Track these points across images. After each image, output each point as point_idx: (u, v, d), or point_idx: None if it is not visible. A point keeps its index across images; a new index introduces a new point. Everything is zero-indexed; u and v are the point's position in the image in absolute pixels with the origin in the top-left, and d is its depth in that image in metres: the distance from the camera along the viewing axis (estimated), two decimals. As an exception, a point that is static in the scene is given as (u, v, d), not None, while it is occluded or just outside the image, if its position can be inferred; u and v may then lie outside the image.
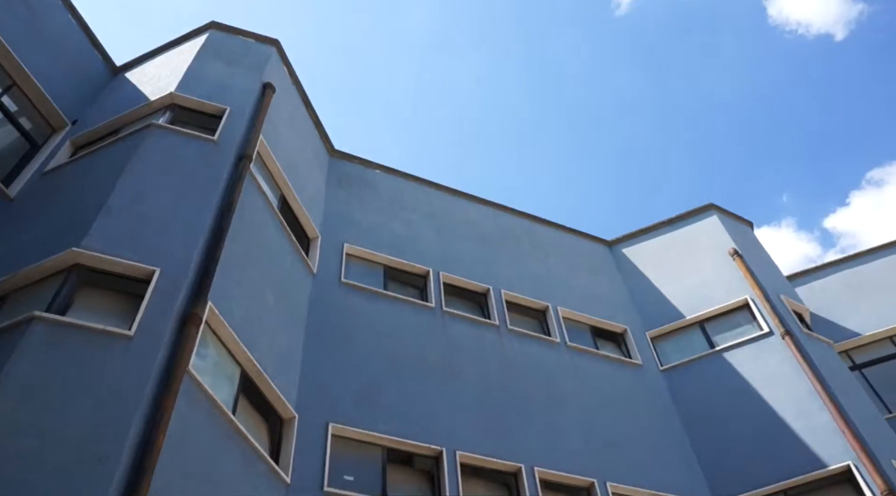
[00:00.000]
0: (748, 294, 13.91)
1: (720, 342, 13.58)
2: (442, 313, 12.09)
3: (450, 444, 9.74)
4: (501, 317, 12.77)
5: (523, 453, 10.29)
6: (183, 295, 7.44)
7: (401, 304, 11.76)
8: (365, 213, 13.47)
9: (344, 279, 11.54)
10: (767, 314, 13.31)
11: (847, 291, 16.30)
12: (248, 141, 10.21)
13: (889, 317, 15.26)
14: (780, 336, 12.83)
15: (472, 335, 12.01)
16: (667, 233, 16.44)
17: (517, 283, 13.85)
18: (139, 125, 10.24)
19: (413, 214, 14.20)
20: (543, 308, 13.74)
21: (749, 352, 13.01)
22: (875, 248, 17.01)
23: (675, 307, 14.56)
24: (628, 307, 14.96)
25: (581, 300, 14.40)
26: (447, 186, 15.51)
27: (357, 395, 9.76)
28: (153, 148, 9.37)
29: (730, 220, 16.35)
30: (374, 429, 9.37)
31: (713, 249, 15.35)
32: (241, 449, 7.42)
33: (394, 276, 12.60)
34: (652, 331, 14.36)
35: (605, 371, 12.91)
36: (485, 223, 15.23)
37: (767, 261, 15.90)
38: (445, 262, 13.30)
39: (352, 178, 14.19)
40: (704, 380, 13.03)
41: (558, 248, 15.86)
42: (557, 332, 13.17)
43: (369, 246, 12.65)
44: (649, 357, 13.78)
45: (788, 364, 12.37)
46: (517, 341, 12.44)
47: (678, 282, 15.05)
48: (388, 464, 9.28)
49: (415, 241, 13.46)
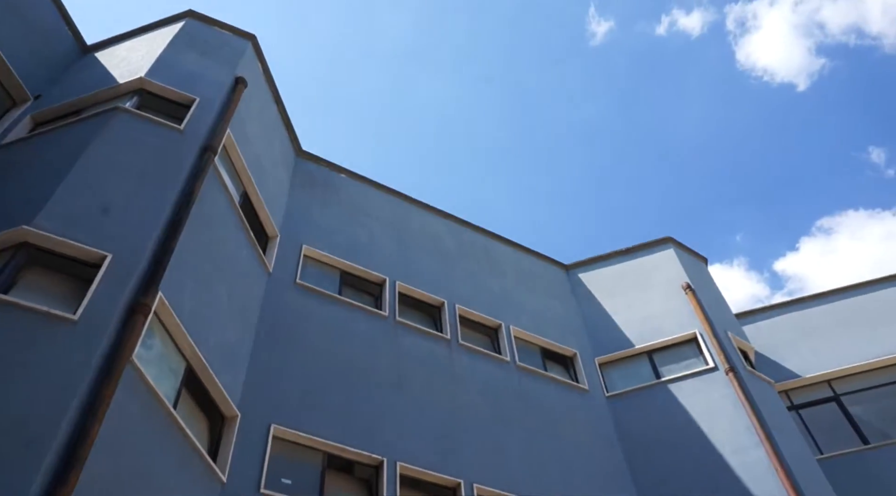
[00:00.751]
0: (697, 328, 14.16)
1: (666, 373, 13.79)
2: (395, 323, 12.06)
3: (391, 455, 9.70)
4: (454, 332, 12.79)
5: (464, 469, 10.29)
6: (133, 283, 7.30)
7: (354, 311, 11.71)
8: (326, 216, 13.40)
9: (299, 280, 11.45)
10: (714, 349, 13.56)
11: (791, 333, 16.70)
12: (215, 133, 10.10)
13: (828, 361, 15.66)
14: (725, 372, 13.08)
15: (422, 347, 12.00)
16: (623, 262, 16.67)
17: (472, 299, 13.90)
18: (104, 107, 10.05)
19: (374, 222, 14.17)
20: (496, 326, 13.80)
21: (693, 385, 13.23)
22: (821, 294, 17.48)
23: (626, 335, 14.75)
24: (580, 332, 15.11)
25: (534, 321, 14.50)
26: (411, 197, 15.54)
27: (302, 399, 9.66)
28: (117, 131, 9.20)
29: (685, 255, 16.65)
30: (317, 434, 9.29)
31: (667, 282, 15.61)
32: (179, 444, 7.28)
33: (350, 282, 12.54)
34: (601, 358, 14.52)
35: (551, 393, 13.00)
36: (445, 237, 15.28)
37: (718, 297, 16.21)
38: (402, 272, 13.29)
39: (317, 180, 14.12)
40: (648, 409, 13.20)
41: (516, 267, 15.97)
42: (508, 351, 13.24)
43: (328, 249, 12.58)
44: (596, 383, 13.92)
45: (730, 400, 12.61)
46: (467, 357, 12.47)
47: (630, 312, 15.26)
48: (328, 470, 9.20)
49: (374, 248, 13.43)
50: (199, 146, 9.69)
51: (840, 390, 15.29)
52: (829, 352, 15.92)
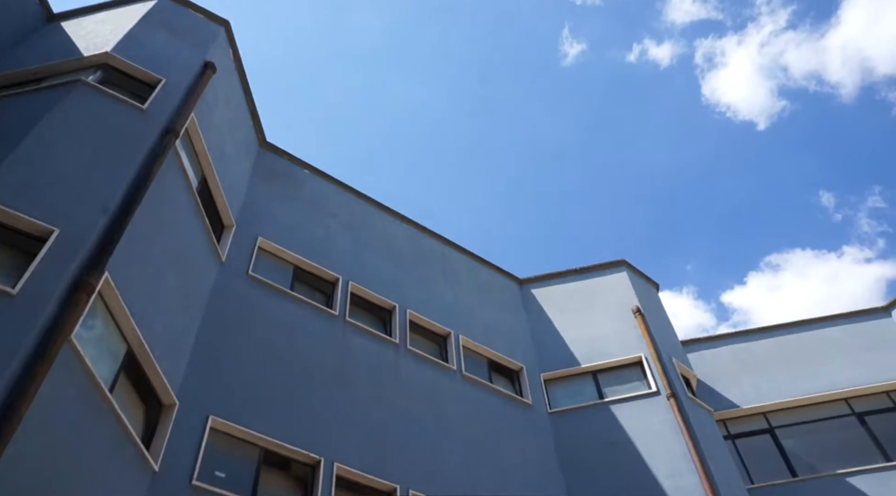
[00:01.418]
0: (643, 352, 14.36)
1: (609, 394, 13.95)
2: (344, 323, 11.98)
3: (329, 455, 9.62)
4: (403, 337, 12.75)
5: (401, 474, 10.25)
6: (79, 260, 7.10)
7: (305, 307, 11.59)
8: (285, 210, 13.27)
9: (251, 272, 11.30)
10: (658, 374, 13.77)
11: (733, 365, 17.05)
12: (179, 116, 9.92)
13: (767, 394, 16.04)
14: (666, 397, 13.29)
15: (370, 350, 11.94)
16: (577, 281, 16.83)
17: (424, 306, 13.88)
18: (66, 78, 9.78)
19: (333, 220, 14.07)
20: (445, 334, 13.80)
21: (634, 407, 13.40)
22: (764, 328, 17.91)
23: (573, 354, 14.89)
24: (528, 346, 15.20)
25: (484, 332, 14.54)
26: (372, 198, 15.47)
27: (244, 392, 9.52)
28: (77, 104, 8.97)
29: (638, 279, 16.89)
30: (255, 429, 9.15)
31: (618, 304, 15.81)
32: (112, 429, 7.11)
33: (302, 278, 12.43)
34: (546, 374, 14.62)
35: (495, 405, 13.04)
36: (402, 241, 15.25)
37: (666, 323, 16.48)
38: (356, 273, 13.21)
39: (278, 173, 13.98)
40: (589, 428, 13.33)
41: (470, 277, 16.01)
42: (455, 360, 13.24)
43: (283, 243, 12.44)
44: (540, 398, 14.01)
45: (669, 425, 12.81)
46: (414, 362, 12.44)
47: (579, 330, 15.41)
48: (264, 465, 9.07)
49: (330, 246, 13.33)
50: (160, 128, 9.50)
51: (775, 423, 15.66)
52: (768, 385, 16.31)
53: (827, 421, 15.51)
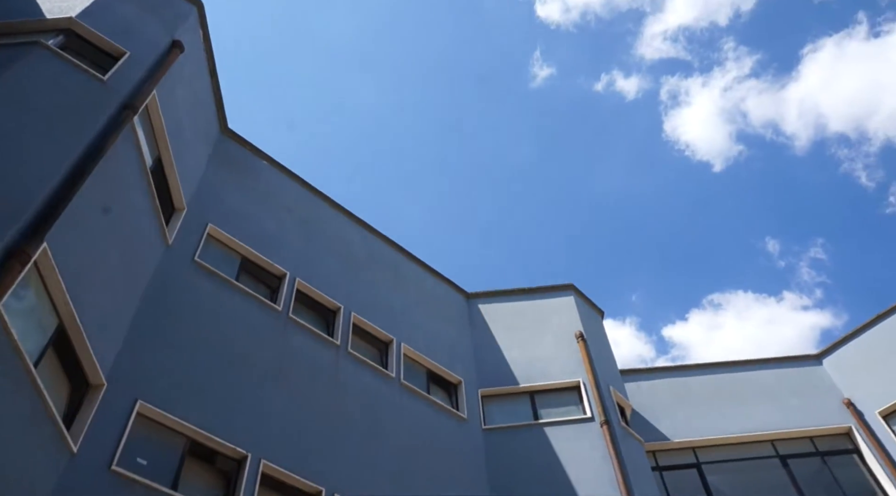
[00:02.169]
0: (582, 378, 14.49)
1: (544, 416, 14.03)
2: (287, 319, 11.81)
3: (257, 451, 9.43)
4: (345, 339, 12.62)
5: (329, 477, 10.10)
6: (17, 228, 6.83)
7: (248, 300, 11.39)
8: (239, 199, 13.04)
9: (198, 258, 11.06)
10: (594, 401, 13.90)
11: (668, 398, 17.32)
12: (140, 92, 9.69)
13: (697, 430, 16.33)
14: (600, 424, 13.42)
15: (311, 349, 11.78)
16: (524, 300, 16.92)
17: (369, 310, 13.77)
18: (24, 39, 9.44)
19: (287, 214, 13.88)
20: (388, 340, 13.71)
21: (568, 431, 13.49)
22: (701, 365, 18.27)
23: (513, 372, 14.94)
24: (469, 361, 15.19)
25: (426, 342, 14.49)
26: (328, 197, 15.30)
27: (176, 380, 9.28)
28: (33, 67, 8.67)
29: (584, 305, 17.06)
30: (184, 418, 8.92)
31: (562, 327, 15.93)
32: (32, 405, 6.85)
33: (249, 270, 12.21)
34: (484, 390, 14.63)
35: (430, 416, 12.98)
36: (355, 243, 15.12)
37: (607, 351, 16.66)
38: (305, 270, 13.05)
39: (236, 161, 13.74)
40: (521, 448, 13.36)
41: (419, 286, 15.96)
42: (395, 368, 13.16)
43: (233, 233, 12.21)
44: (476, 413, 14.00)
45: (600, 451, 12.92)
46: (353, 366, 12.32)
47: (521, 350, 15.48)
48: (188, 456, 8.85)
49: (281, 240, 13.14)
50: (119, 101, 9.26)
51: (703, 458, 15.93)
52: (699, 421, 16.60)
53: (752, 461, 15.85)
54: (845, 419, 16.37)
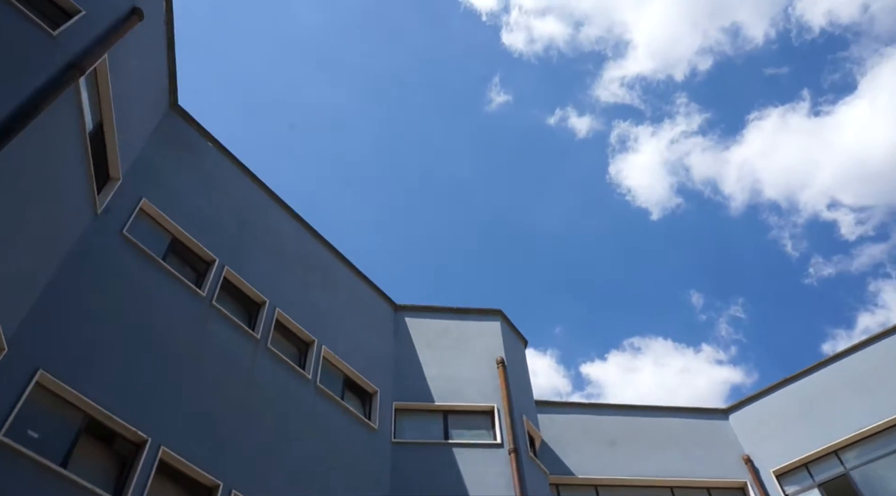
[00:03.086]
0: (497, 403, 14.58)
1: (455, 436, 14.05)
2: (209, 306, 11.54)
3: (158, 437, 9.15)
4: (265, 334, 12.40)
5: (229, 473, 9.87)
6: (-63, 173, 6.52)
7: (172, 281, 11.09)
8: (178, 178, 12.70)
9: (125, 231, 10.72)
10: (505, 427, 13.99)
11: (579, 434, 17.59)
12: (90, 53, 9.36)
13: (603, 468, 16.63)
14: (508, 451, 13.51)
15: (229, 340, 11.53)
16: (451, 319, 16.97)
17: (295, 308, 13.56)
18: (-24, -19, 9.06)
19: (225, 200, 13.59)
20: (309, 341, 13.53)
21: (476, 455, 13.54)
22: (615, 405, 18.66)
23: (430, 389, 14.93)
24: (388, 372, 15.11)
25: (348, 348, 14.35)
26: (269, 188, 15.01)
27: (83, 353, 8.94)
28: (-19, 11, 8.30)
29: (509, 332, 17.20)
30: (85, 394, 8.59)
31: (484, 351, 16.02)
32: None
33: (178, 251, 11.90)
34: (399, 403, 14.57)
35: (341, 423, 12.84)
36: (290, 238, 14.89)
37: (525, 380, 16.82)
38: (235, 259, 12.78)
39: (181, 139, 13.40)
40: (427, 465, 13.33)
41: (349, 291, 15.82)
42: (313, 370, 12.99)
43: (167, 211, 11.88)
44: (387, 426, 13.91)
45: (504, 479, 13.00)
46: (270, 363, 12.11)
47: (442, 368, 15.49)
48: (85, 434, 8.52)
49: (215, 226, 12.85)
50: (67, 59, 8.93)
51: (602, 496, 16.25)
52: (605, 459, 16.90)
53: (649, 504, 16.22)
54: (742, 474, 16.93)
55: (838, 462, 16.20)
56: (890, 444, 15.73)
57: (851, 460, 16.07)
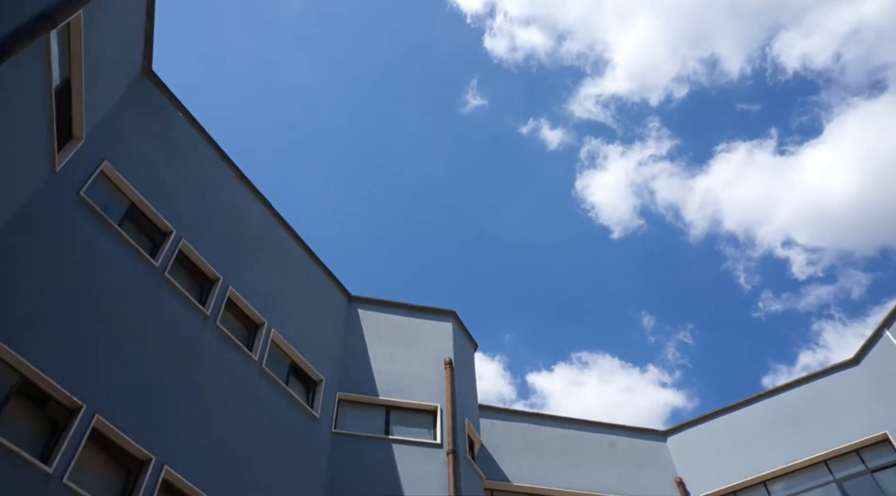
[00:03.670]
0: (441, 404, 14.61)
1: (395, 433, 14.03)
2: (162, 278, 11.35)
3: (94, 405, 8.97)
4: (216, 311, 12.24)
5: (164, 448, 9.72)
6: None
7: (126, 249, 10.86)
8: (143, 144, 12.45)
9: (83, 193, 10.48)
10: (447, 429, 14.03)
11: (519, 441, 17.74)
12: (65, 7, 9.10)
13: (539, 478, 16.81)
14: (447, 452, 13.55)
15: (179, 313, 11.36)
16: (404, 316, 16.96)
17: (249, 288, 13.42)
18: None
19: (188, 172, 13.36)
20: (259, 323, 13.39)
21: (415, 452, 13.55)
22: (557, 417, 18.85)
23: (375, 383, 14.89)
24: (335, 362, 15.04)
25: (297, 334, 14.24)
26: (235, 165, 14.73)
27: (25, 312, 8.71)
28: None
29: (460, 334, 17.25)
30: (22, 353, 8.37)
31: (434, 351, 16.04)
32: None
33: (135, 218, 11.66)
34: (343, 394, 14.51)
35: (282, 408, 12.74)
36: (250, 217, 14.70)
37: (471, 383, 16.89)
38: (193, 233, 12.59)
39: (151, 106, 13.12)
40: (365, 459, 13.30)
41: (304, 277, 15.70)
42: (260, 352, 12.86)
43: (128, 176, 11.63)
44: (329, 415, 13.85)
45: (440, 479, 13.03)
46: (218, 341, 11.96)
47: (389, 364, 15.47)
48: (16, 395, 8.31)
49: (175, 197, 12.63)
50: (38, 10, 8.70)
51: (535, 505, 16.43)
52: (541, 469, 17.06)
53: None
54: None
55: (766, 492, 16.62)
56: (816, 479, 16.20)
57: (778, 492, 16.51)
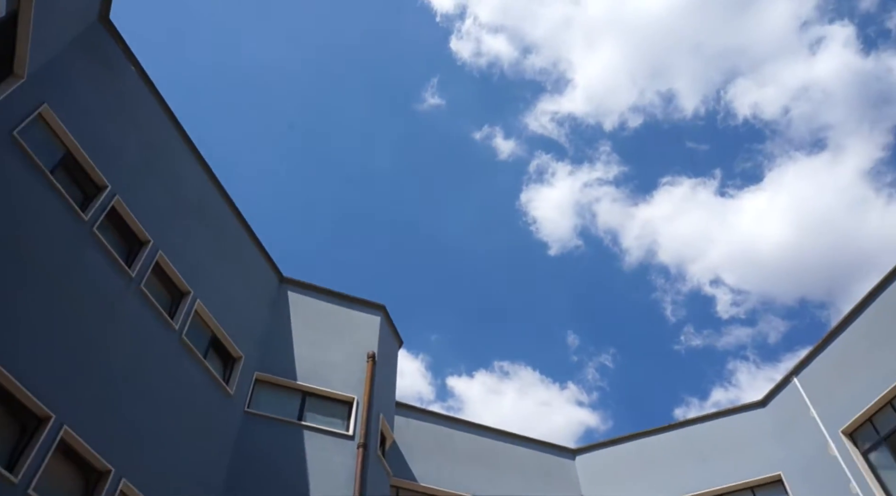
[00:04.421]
0: (358, 396, 14.52)
1: (309, 419, 13.88)
2: (90, 233, 10.96)
3: None
4: (142, 274, 11.89)
5: (65, 406, 9.37)
6: None
7: (55, 197, 10.42)
8: (89, 93, 11.96)
9: (15, 133, 10.02)
10: (360, 421, 13.95)
11: (431, 443, 17.77)
12: (25, -62, 8.78)
13: (445, 481, 16.90)
14: (357, 445, 13.47)
15: (102, 271, 10.98)
16: (334, 304, 16.80)
17: (179, 255, 13.07)
18: None
19: (132, 129, 12.88)
20: (185, 291, 13.07)
21: (325, 441, 13.42)
22: (472, 423, 18.98)
23: (295, 367, 14.71)
24: (257, 341, 14.79)
25: (223, 308, 13.96)
26: (182, 127, 14.26)
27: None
28: None
29: (387, 329, 17.19)
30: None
31: (359, 342, 15.94)
32: None
33: (69, 168, 11.19)
34: (261, 374, 14.29)
35: (197, 380, 12.46)
36: (191, 184, 14.28)
37: (392, 379, 16.85)
38: (130, 192, 12.18)
39: (102, 55, 12.58)
40: (274, 442, 13.11)
41: (237, 251, 15.38)
42: (181, 321, 12.56)
43: (67, 123, 11.14)
44: (243, 394, 13.61)
45: (347, 471, 12.95)
46: (139, 304, 11.62)
47: (312, 349, 15.30)
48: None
49: (116, 152, 12.20)
50: (-2, -63, 8.34)
51: (440, 507, 16.53)
52: (449, 473, 17.14)
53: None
54: (575, 513, 17.58)
55: (663, 519, 17.06)
56: (712, 512, 16.74)
57: (675, 520, 16.97)
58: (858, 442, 14.84)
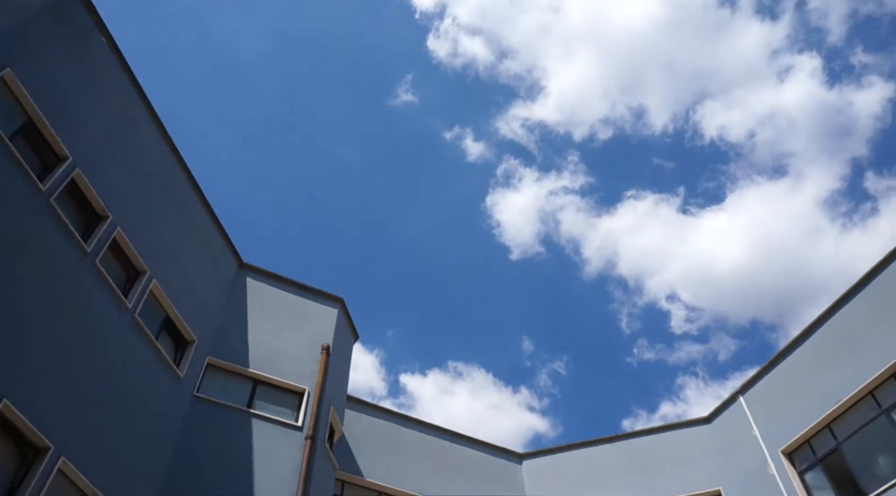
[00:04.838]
0: (309, 387, 14.45)
1: (258, 408, 13.77)
2: (46, 203, 10.70)
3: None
4: (97, 250, 11.66)
5: (8, 382, 9.14)
6: None
7: (14, 165, 10.15)
8: (56, 61, 11.62)
9: (-23, 96, 9.76)
10: (310, 413, 13.88)
11: (380, 439, 17.78)
12: None
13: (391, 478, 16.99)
14: (305, 436, 13.40)
15: (56, 244, 10.72)
16: (292, 293, 16.68)
17: (137, 233, 12.83)
18: None
19: (98, 101, 12.56)
20: (142, 271, 12.85)
21: (273, 431, 13.33)
22: (422, 422, 19.05)
23: (248, 354, 14.57)
24: (212, 325, 14.61)
25: (179, 290, 13.76)
26: (150, 103, 13.92)
27: None
28: None
29: (343, 322, 17.12)
30: None
31: (314, 334, 15.85)
32: None
33: (30, 136, 10.90)
34: (213, 359, 14.13)
35: (147, 361, 12.26)
36: (155, 161, 13.98)
37: (345, 373, 16.79)
38: (90, 164, 11.91)
39: (72, 23, 12.23)
40: (220, 428, 12.98)
41: (199, 234, 15.17)
42: (135, 300, 12.35)
43: (31, 90, 10.82)
44: (193, 378, 13.44)
45: (292, 462, 12.87)
46: (92, 279, 11.39)
47: (267, 337, 15.18)
48: None
49: (79, 122, 11.91)
50: None
51: (381, 504, 16.56)
52: (397, 471, 17.18)
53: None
54: (518, 517, 17.73)
55: (603, 528, 17.30)
56: (651, 523, 17.01)
57: (614, 529, 17.21)
58: (796, 462, 15.25)
